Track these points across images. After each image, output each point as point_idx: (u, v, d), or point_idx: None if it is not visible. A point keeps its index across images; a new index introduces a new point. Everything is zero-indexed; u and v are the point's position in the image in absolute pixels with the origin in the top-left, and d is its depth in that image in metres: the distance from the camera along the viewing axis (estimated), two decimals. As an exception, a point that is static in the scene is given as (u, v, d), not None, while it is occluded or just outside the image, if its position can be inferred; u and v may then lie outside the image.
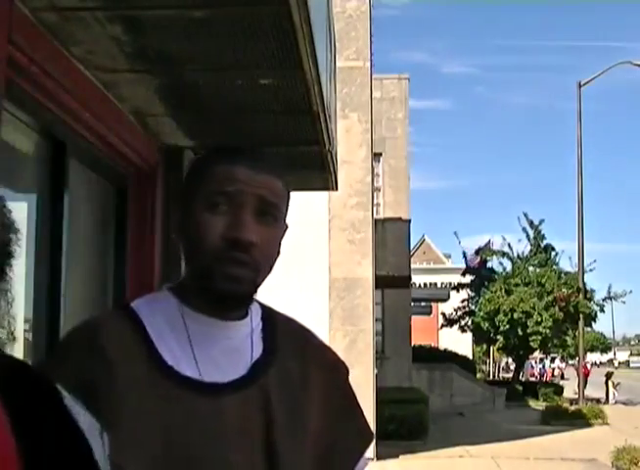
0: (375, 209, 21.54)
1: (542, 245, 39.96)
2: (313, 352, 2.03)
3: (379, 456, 16.27)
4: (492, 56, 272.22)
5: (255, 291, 1.89)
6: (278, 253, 1.92)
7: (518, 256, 39.92)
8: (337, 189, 9.37)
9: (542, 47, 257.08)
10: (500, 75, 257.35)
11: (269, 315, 2.02)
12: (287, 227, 1.95)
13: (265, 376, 1.90)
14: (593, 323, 41.93)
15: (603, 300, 39.87)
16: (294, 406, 1.90)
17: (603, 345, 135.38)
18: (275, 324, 2.01)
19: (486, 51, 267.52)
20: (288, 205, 1.93)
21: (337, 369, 2.08)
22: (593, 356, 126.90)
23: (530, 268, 39.22)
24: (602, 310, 40.01)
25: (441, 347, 43.12)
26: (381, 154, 26.97)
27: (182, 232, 1.90)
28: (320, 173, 8.02)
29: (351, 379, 2.06)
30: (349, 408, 2.09)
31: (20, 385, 1.51)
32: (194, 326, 1.87)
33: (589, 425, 26.47)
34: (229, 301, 1.86)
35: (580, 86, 35.19)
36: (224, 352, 1.88)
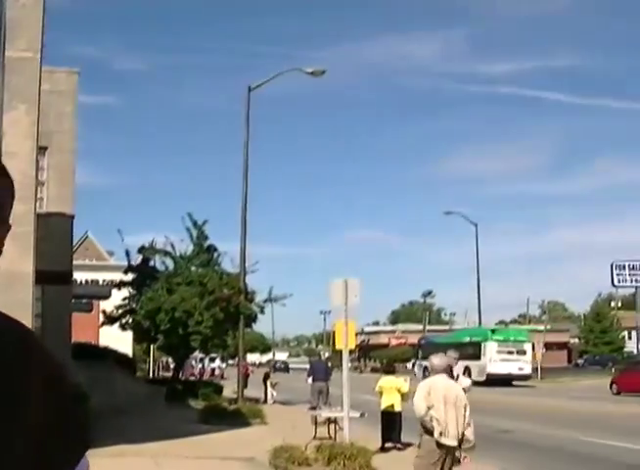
0: (38, 203, 21.08)
1: (205, 245, 40.60)
2: (27, 350, 1.99)
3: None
4: (164, 54, 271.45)
5: None
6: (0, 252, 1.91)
7: (180, 255, 40.34)
8: None
9: (212, 48, 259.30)
10: (172, 74, 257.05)
11: None
12: (9, 227, 1.95)
13: None
14: (253, 324, 43.06)
15: (264, 301, 41.00)
16: (10, 407, 1.85)
17: (263, 345, 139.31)
18: None
19: (159, 49, 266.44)
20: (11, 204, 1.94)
21: (53, 369, 2.05)
22: (253, 357, 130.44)
23: (193, 268, 39.77)
24: (262, 312, 41.16)
25: (102, 344, 42.73)
26: (47, 147, 26.40)
27: None
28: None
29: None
30: (67, 412, 2.07)
31: None
32: None
33: (248, 424, 27.13)
34: None
35: (250, 90, 36.12)
36: None
